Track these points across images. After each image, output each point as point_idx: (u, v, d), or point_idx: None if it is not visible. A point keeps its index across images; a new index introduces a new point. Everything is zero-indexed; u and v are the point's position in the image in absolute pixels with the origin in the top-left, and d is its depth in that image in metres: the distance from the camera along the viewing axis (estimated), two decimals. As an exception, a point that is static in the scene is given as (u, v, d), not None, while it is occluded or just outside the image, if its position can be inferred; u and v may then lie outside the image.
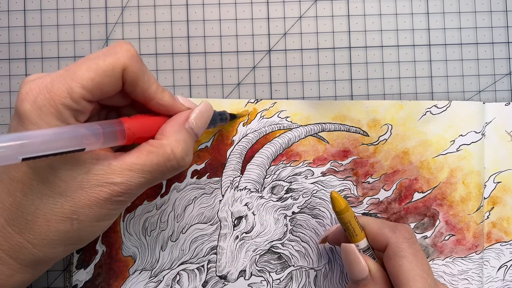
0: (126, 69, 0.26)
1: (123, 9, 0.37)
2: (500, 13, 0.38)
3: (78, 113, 0.26)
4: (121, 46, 0.27)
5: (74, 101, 0.25)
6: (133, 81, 0.27)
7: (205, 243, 0.35)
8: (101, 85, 0.26)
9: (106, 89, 0.26)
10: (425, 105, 0.36)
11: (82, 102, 0.25)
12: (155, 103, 0.28)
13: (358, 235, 0.30)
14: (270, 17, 0.37)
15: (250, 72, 0.37)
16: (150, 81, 0.28)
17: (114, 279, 0.35)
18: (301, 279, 0.35)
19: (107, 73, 0.26)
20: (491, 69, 0.37)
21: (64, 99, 0.25)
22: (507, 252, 0.36)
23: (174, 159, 0.27)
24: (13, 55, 0.36)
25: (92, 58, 0.26)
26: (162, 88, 0.29)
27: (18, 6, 0.36)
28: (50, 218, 0.26)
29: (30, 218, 0.26)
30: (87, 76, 0.25)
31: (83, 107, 0.26)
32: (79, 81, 0.25)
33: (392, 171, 0.36)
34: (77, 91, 0.25)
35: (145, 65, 0.28)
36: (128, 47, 0.27)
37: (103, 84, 0.26)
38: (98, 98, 0.26)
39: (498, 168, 0.36)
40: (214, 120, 0.32)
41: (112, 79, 0.26)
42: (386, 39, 0.37)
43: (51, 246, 0.26)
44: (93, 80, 0.25)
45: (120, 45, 0.27)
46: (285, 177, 0.35)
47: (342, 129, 0.36)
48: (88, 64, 0.26)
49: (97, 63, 0.26)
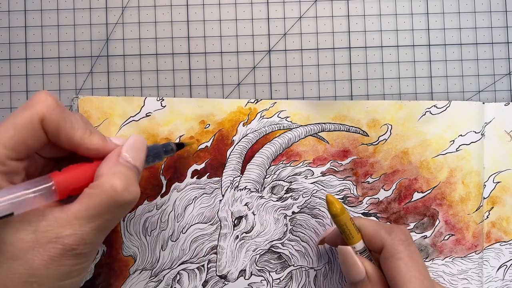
0: (44, 119, 0.25)
1: (123, 9, 0.37)
2: (499, 13, 0.38)
3: (10, 175, 0.25)
4: (38, 98, 0.26)
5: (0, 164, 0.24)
6: (54, 130, 0.26)
7: (205, 243, 0.35)
8: (23, 140, 0.25)
9: (30, 143, 0.25)
10: (424, 105, 0.36)
11: (9, 163, 0.25)
12: (84, 148, 0.27)
13: (354, 237, 0.30)
14: (270, 17, 0.37)
15: (250, 72, 0.37)
16: (74, 128, 0.27)
17: (115, 279, 0.35)
18: (301, 278, 0.36)
19: (25, 127, 0.25)
20: (491, 69, 0.38)
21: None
22: (506, 252, 0.36)
23: (115, 193, 0.25)
24: (14, 55, 0.36)
25: (11, 116, 0.25)
26: (90, 132, 0.27)
27: (18, 6, 0.36)
28: (8, 285, 0.24)
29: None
30: (6, 135, 0.24)
31: (12, 168, 0.25)
32: (0, 143, 0.24)
33: (392, 171, 0.36)
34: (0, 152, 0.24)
35: (67, 112, 0.27)
36: (44, 97, 0.26)
37: (25, 139, 0.25)
38: (25, 154, 0.25)
39: (498, 168, 0.36)
40: (157, 153, 0.31)
41: (32, 132, 0.25)
42: (386, 39, 0.37)
43: None
44: (13, 138, 0.24)
45: (36, 97, 0.26)
46: (285, 177, 0.36)
47: (342, 129, 0.36)
48: (6, 123, 0.25)
49: (15, 119, 0.25)
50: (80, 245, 0.25)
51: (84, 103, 0.35)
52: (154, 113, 0.35)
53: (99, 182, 0.26)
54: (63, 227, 0.25)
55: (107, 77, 0.36)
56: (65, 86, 0.36)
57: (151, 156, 0.30)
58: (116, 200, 0.26)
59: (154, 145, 0.31)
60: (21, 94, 0.36)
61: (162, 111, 0.35)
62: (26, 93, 0.36)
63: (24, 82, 0.36)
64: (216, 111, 0.36)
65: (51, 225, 0.25)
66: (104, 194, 0.25)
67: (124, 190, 0.26)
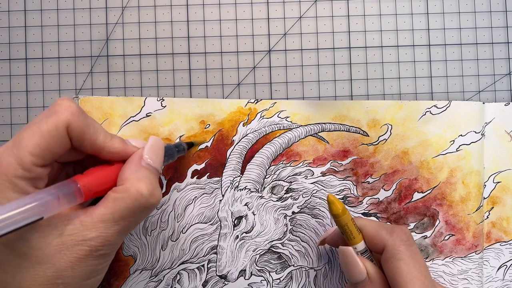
0: (70, 125, 0.26)
1: (123, 9, 0.37)
2: (499, 13, 0.38)
3: (35, 180, 0.25)
4: (61, 104, 0.26)
5: (26, 170, 0.25)
6: (79, 136, 0.26)
7: (205, 243, 0.35)
8: (49, 147, 0.25)
9: (55, 150, 0.26)
10: (425, 105, 0.36)
11: (35, 169, 0.25)
12: (106, 152, 0.28)
13: (355, 238, 0.30)
14: (270, 17, 0.37)
15: (250, 72, 0.37)
16: (97, 132, 0.27)
17: (115, 279, 0.35)
18: (301, 278, 0.36)
19: (51, 134, 0.25)
20: (491, 69, 0.38)
21: (16, 171, 0.24)
22: (506, 252, 0.36)
23: (142, 198, 0.27)
24: (14, 55, 0.36)
25: (35, 123, 0.26)
26: (111, 136, 0.28)
27: (18, 6, 0.36)
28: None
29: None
30: (32, 143, 0.25)
31: (37, 174, 0.25)
32: (26, 149, 0.25)
33: (392, 171, 0.36)
34: (26, 159, 0.24)
35: (89, 117, 0.27)
36: (68, 103, 0.26)
37: (51, 146, 0.25)
38: (50, 160, 0.26)
39: (498, 168, 0.36)
40: (171, 153, 0.32)
41: (58, 139, 0.26)
42: (386, 39, 0.37)
43: None
44: (39, 145, 0.25)
45: (59, 103, 0.26)
46: (285, 177, 0.36)
47: (342, 129, 0.36)
48: (31, 130, 0.25)
49: (40, 127, 0.25)
50: (105, 246, 0.26)
51: (84, 103, 0.35)
52: (154, 113, 0.35)
53: (125, 187, 0.27)
54: (89, 230, 0.26)
55: (107, 77, 0.36)
56: (65, 86, 0.36)
57: (166, 156, 0.31)
58: (142, 204, 0.27)
59: (168, 146, 0.32)
60: (21, 94, 0.36)
61: (162, 111, 0.35)
62: (26, 93, 0.36)
63: (24, 82, 0.36)
64: (216, 111, 0.36)
65: (77, 228, 0.25)
66: (131, 199, 0.26)
67: (150, 195, 0.27)
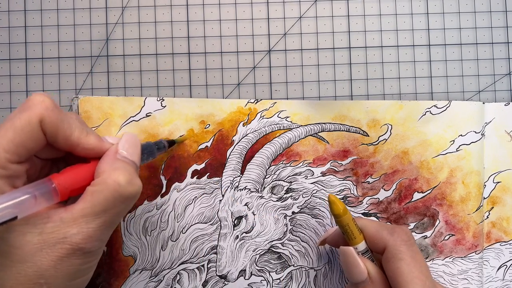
0: (43, 120, 0.25)
1: (123, 9, 0.37)
2: (499, 13, 0.38)
3: (12, 179, 0.25)
4: (34, 99, 0.26)
5: (1, 168, 0.24)
6: (53, 131, 0.26)
7: (205, 243, 0.35)
8: (23, 143, 0.25)
9: (29, 146, 0.25)
10: (425, 105, 0.36)
11: (10, 166, 0.25)
12: (81, 148, 0.27)
13: (356, 238, 0.30)
14: (270, 17, 0.37)
15: (250, 72, 0.37)
16: (71, 128, 0.27)
17: (115, 279, 0.35)
18: (301, 278, 0.36)
19: (25, 129, 0.25)
20: (491, 69, 0.37)
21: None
22: (506, 252, 0.36)
23: (119, 187, 0.26)
24: (14, 55, 0.36)
25: (8, 119, 0.25)
26: (87, 132, 0.28)
27: (18, 6, 0.36)
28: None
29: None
30: (6, 139, 0.24)
31: (13, 171, 0.25)
32: (0, 146, 0.24)
33: (392, 171, 0.36)
34: (0, 156, 0.24)
35: (64, 112, 0.27)
36: (41, 98, 0.26)
37: (25, 142, 0.25)
38: (25, 157, 0.26)
39: (498, 168, 0.36)
40: (150, 150, 0.32)
41: (31, 134, 0.25)
42: (386, 39, 0.37)
43: None
44: (13, 141, 0.24)
45: (33, 98, 0.26)
46: (285, 177, 0.36)
47: (342, 129, 0.36)
48: (5, 126, 0.25)
49: (13, 122, 0.25)
50: (87, 242, 0.25)
51: (84, 103, 0.35)
52: (154, 113, 0.35)
53: (101, 178, 0.26)
54: (70, 227, 0.25)
55: (107, 77, 0.36)
56: (65, 86, 0.36)
57: (145, 153, 0.31)
58: (121, 193, 0.26)
59: (147, 143, 0.32)
60: (21, 94, 0.36)
61: (162, 111, 0.35)
62: (26, 93, 0.36)
63: (24, 82, 0.36)
64: (216, 111, 0.36)
65: (57, 226, 0.25)
66: (108, 190, 0.26)
67: (127, 183, 0.26)
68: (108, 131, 0.35)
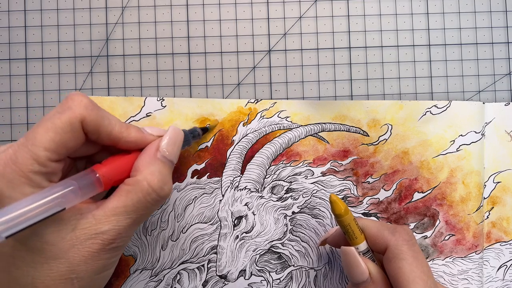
0: (84, 120, 0.26)
1: (123, 9, 0.37)
2: (499, 13, 0.38)
3: (50, 175, 0.26)
4: (73, 99, 0.26)
5: (41, 165, 0.25)
6: (95, 129, 0.27)
7: (205, 243, 0.35)
8: (63, 142, 0.25)
9: (70, 145, 0.26)
10: (425, 105, 0.36)
11: (50, 164, 0.25)
12: (123, 142, 0.28)
13: (357, 238, 0.30)
14: (270, 17, 0.37)
15: (250, 72, 0.37)
16: (112, 123, 0.28)
17: (115, 278, 0.35)
18: (301, 279, 0.36)
19: (66, 129, 0.25)
20: (491, 69, 0.38)
21: (31, 166, 0.24)
22: (506, 252, 0.36)
23: (153, 192, 0.27)
24: (14, 55, 0.36)
25: (48, 119, 0.26)
26: (127, 125, 0.28)
27: (18, 6, 0.36)
28: (49, 284, 0.25)
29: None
30: (47, 138, 0.25)
31: (52, 168, 0.25)
32: (41, 145, 0.25)
33: (392, 171, 0.36)
34: (41, 155, 0.25)
35: (102, 110, 0.28)
36: (80, 98, 0.26)
37: (66, 141, 0.26)
38: (64, 155, 0.26)
39: (498, 168, 0.36)
40: (187, 140, 0.32)
41: (72, 134, 0.26)
42: (386, 39, 0.37)
43: None
44: (54, 140, 0.25)
45: (72, 98, 0.26)
46: (285, 177, 0.36)
47: (342, 129, 0.36)
48: (45, 126, 0.25)
49: (54, 123, 0.25)
50: (117, 239, 0.26)
51: (84, 103, 0.35)
52: (154, 113, 0.35)
53: (136, 179, 0.27)
54: (101, 223, 0.26)
55: (107, 77, 0.36)
56: (65, 86, 0.36)
57: None
58: (153, 198, 0.27)
59: (183, 131, 0.32)
60: (21, 94, 0.36)
61: (162, 111, 0.35)
62: (26, 93, 0.36)
63: (24, 82, 0.36)
64: (216, 111, 0.36)
65: (90, 222, 0.26)
66: (142, 193, 0.27)
67: (160, 189, 0.27)
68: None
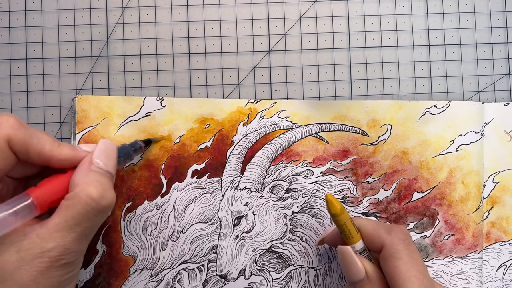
0: (10, 140, 0.26)
1: (123, 9, 0.37)
2: (499, 14, 0.38)
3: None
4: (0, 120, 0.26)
5: None
6: (23, 149, 0.26)
7: (205, 243, 0.35)
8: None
9: (0, 166, 0.25)
10: (424, 105, 0.36)
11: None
12: (55, 160, 0.28)
13: (354, 237, 0.30)
14: (270, 18, 0.37)
15: (250, 72, 0.37)
16: (42, 142, 0.27)
17: (115, 279, 0.35)
18: (301, 278, 0.36)
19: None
20: (491, 69, 0.38)
21: None
22: (506, 251, 0.36)
23: (92, 201, 0.26)
24: (14, 55, 0.36)
25: None
26: (59, 143, 0.28)
27: (18, 6, 0.36)
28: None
29: None
30: None
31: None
32: None
33: (392, 171, 0.36)
34: None
35: (31, 128, 0.27)
36: (5, 118, 0.26)
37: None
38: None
39: (498, 168, 0.36)
40: (127, 152, 0.32)
41: (0, 155, 0.25)
42: (385, 39, 0.37)
43: None
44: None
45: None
46: (285, 177, 0.36)
47: (341, 129, 0.36)
48: None
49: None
50: (65, 254, 0.26)
51: (82, 102, 0.35)
52: (154, 112, 0.35)
53: (74, 192, 0.26)
54: (46, 241, 0.25)
55: (107, 77, 0.36)
56: (65, 86, 0.36)
57: (121, 157, 0.31)
58: (93, 207, 0.26)
59: (122, 146, 0.32)
60: (21, 94, 0.36)
61: (162, 111, 0.35)
62: (26, 93, 0.36)
63: (24, 82, 0.36)
64: (216, 111, 0.36)
65: (34, 242, 0.25)
66: (81, 204, 0.26)
67: (100, 197, 0.26)
68: (107, 131, 0.35)
